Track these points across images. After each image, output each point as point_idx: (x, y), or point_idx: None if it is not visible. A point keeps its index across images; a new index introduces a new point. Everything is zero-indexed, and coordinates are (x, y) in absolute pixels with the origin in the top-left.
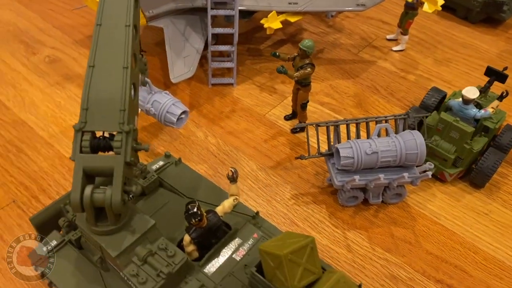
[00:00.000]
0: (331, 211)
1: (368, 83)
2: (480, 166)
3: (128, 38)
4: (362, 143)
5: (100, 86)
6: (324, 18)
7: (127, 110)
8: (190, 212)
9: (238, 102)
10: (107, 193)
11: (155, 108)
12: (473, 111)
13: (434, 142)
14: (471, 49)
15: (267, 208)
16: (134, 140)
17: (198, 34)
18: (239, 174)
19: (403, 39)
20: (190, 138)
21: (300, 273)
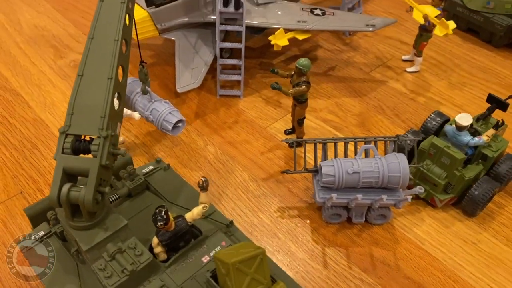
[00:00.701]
0: (314, 226)
1: (375, 102)
2: (471, 193)
3: (116, 51)
4: (345, 162)
5: (86, 94)
6: (342, 36)
7: (106, 117)
8: (156, 216)
9: (242, 114)
10: (81, 191)
11: (154, 116)
12: (466, 138)
13: (426, 166)
14: (490, 74)
15: (252, 218)
16: (113, 145)
17: (208, 48)
18: (231, 183)
19: (417, 61)
20: (190, 146)
21: (247, 283)
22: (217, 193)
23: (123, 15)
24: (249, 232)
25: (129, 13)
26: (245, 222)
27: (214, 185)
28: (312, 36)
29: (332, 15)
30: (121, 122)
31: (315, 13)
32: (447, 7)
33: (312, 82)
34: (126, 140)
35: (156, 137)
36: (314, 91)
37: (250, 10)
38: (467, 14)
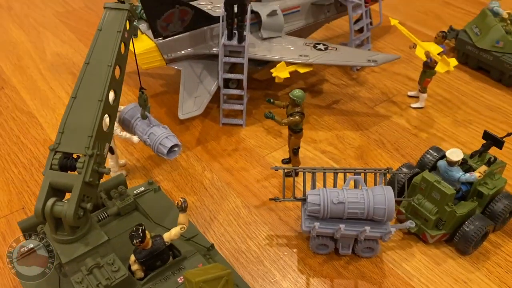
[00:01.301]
0: (301, 256)
1: (376, 136)
2: (463, 230)
3: (108, 76)
4: (331, 192)
5: (77, 115)
6: (349, 71)
7: (93, 137)
8: (133, 233)
9: (242, 142)
10: (64, 206)
11: (151, 140)
12: (458, 173)
13: (417, 201)
14: (497, 113)
15: (240, 244)
16: (98, 164)
17: (212, 78)
18: (224, 208)
19: (422, 97)
20: (189, 171)
21: None
22: (208, 218)
23: (117, 43)
24: (235, 258)
25: (124, 41)
26: (232, 248)
27: (207, 210)
28: (319, 71)
29: (334, 50)
30: (110, 142)
31: (317, 48)
32: (457, 46)
33: (314, 114)
34: (128, 163)
35: (156, 161)
36: (316, 123)
37: (254, 44)
38: (476, 53)
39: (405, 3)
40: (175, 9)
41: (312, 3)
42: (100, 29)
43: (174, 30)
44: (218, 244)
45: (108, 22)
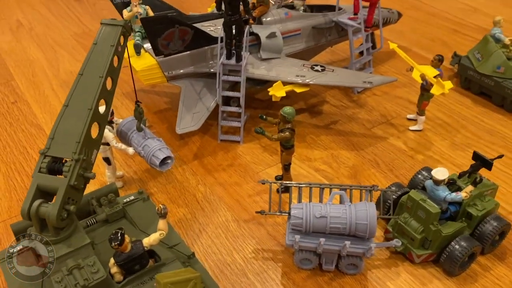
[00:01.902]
0: (286, 270)
1: (371, 157)
2: (448, 250)
3: (99, 86)
4: (314, 206)
5: (67, 122)
6: (350, 93)
7: (81, 143)
8: (111, 236)
9: (238, 158)
10: (48, 207)
11: (145, 151)
12: (444, 193)
13: (403, 219)
14: (497, 137)
15: (226, 257)
16: (84, 168)
17: (211, 95)
18: (213, 221)
19: (420, 120)
20: (183, 184)
21: None
22: (197, 230)
23: (110, 56)
24: (220, 270)
25: (118, 55)
26: (218, 259)
27: (197, 222)
28: (320, 92)
29: (331, 72)
30: (98, 149)
31: (315, 69)
32: (460, 71)
33: (311, 133)
34: (125, 175)
35: (153, 174)
36: (312, 142)
37: (253, 64)
38: (478, 78)
39: (412, 30)
40: (174, 28)
41: (313, 26)
42: (96, 43)
43: (175, 49)
44: (204, 255)
45: (103, 36)
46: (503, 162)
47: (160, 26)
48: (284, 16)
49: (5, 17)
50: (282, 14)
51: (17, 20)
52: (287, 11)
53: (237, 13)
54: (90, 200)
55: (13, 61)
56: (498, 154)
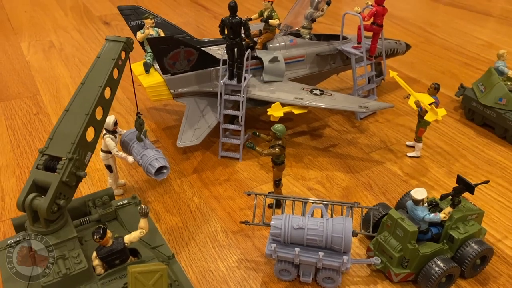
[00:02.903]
0: (265, 280)
1: (365, 179)
2: (425, 269)
3: (97, 94)
4: (293, 218)
5: (66, 125)
6: (353, 119)
7: (75, 144)
8: (94, 230)
9: (235, 174)
10: (41, 200)
11: (143, 160)
12: (423, 213)
13: (383, 237)
14: (496, 168)
15: (210, 264)
16: (76, 167)
17: (214, 113)
18: (203, 231)
19: (417, 146)
20: (179, 195)
21: None
22: (187, 238)
23: (110, 69)
24: (202, 276)
25: (118, 68)
26: (202, 266)
27: (187, 231)
28: (324, 117)
29: (329, 96)
30: (92, 152)
31: (313, 93)
32: (464, 102)
33: (310, 155)
34: (127, 184)
35: (152, 184)
36: (309, 163)
37: (255, 85)
38: (481, 109)
39: (422, 62)
40: (180, 49)
41: (317, 53)
42: (99, 56)
43: (181, 69)
44: (190, 261)
45: (106, 51)
46: (497, 191)
47: (165, 46)
48: (289, 43)
49: (40, 39)
50: (287, 41)
51: (50, 41)
52: (293, 38)
53: (238, 37)
54: (87, 201)
55: (41, 78)
56: (495, 183)
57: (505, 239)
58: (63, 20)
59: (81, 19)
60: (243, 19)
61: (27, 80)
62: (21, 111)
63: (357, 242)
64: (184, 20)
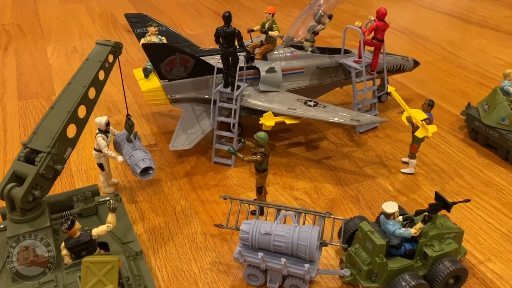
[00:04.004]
0: (235, 284)
1: (353, 193)
2: (392, 284)
3: (81, 94)
4: (263, 224)
5: (49, 121)
6: (352, 133)
7: (55, 139)
8: (63, 221)
9: (225, 180)
10: (17, 190)
11: (130, 161)
12: (393, 227)
13: (354, 250)
14: (492, 189)
15: (183, 264)
16: (54, 161)
17: (209, 120)
18: (183, 232)
19: (411, 163)
20: (167, 196)
21: (94, 282)
22: (166, 237)
23: (96, 70)
24: (174, 275)
25: (104, 70)
26: (175, 265)
27: (168, 231)
28: (323, 129)
29: (323, 107)
30: (73, 148)
31: (307, 104)
32: (467, 121)
33: (301, 165)
34: (120, 183)
35: (143, 185)
36: (300, 173)
37: (250, 94)
38: (484, 129)
39: (435, 80)
40: (175, 56)
41: (317, 66)
42: (87, 58)
43: (178, 75)
44: (165, 260)
45: (95, 54)
46: (489, 212)
47: (160, 52)
48: (290, 55)
49: (65, 43)
50: (288, 52)
51: (74, 46)
52: (293, 50)
53: (231, 46)
54: (72, 196)
55: (60, 80)
56: (488, 204)
57: (488, 261)
58: (89, 27)
59: (107, 27)
60: (236, 29)
61: (46, 81)
62: (35, 110)
63: (333, 253)
64: (203, 31)
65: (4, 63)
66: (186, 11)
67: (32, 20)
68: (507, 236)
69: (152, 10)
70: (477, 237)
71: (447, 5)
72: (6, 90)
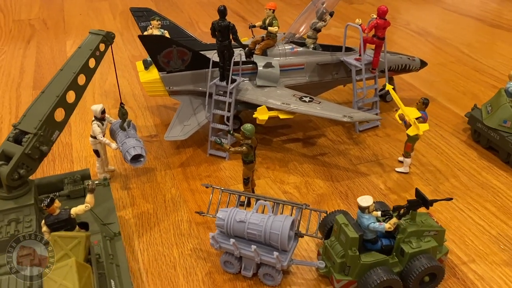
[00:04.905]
0: (212, 270)
1: (343, 189)
2: (363, 278)
3: (70, 79)
4: (239, 212)
5: (39, 104)
6: (351, 131)
7: (42, 121)
8: (43, 198)
9: (218, 171)
10: (4, 168)
11: (122, 148)
12: (368, 221)
13: (329, 242)
14: (488, 191)
15: (164, 249)
16: (40, 142)
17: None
18: (169, 219)
19: (406, 162)
20: (160, 185)
21: (61, 255)
22: (152, 223)
23: (87, 58)
24: (154, 258)
25: (95, 58)
26: (156, 249)
27: (155, 217)
28: (322, 126)
29: (317, 103)
30: (60, 131)
31: (302, 100)
32: (469, 123)
33: (296, 161)
34: (116, 170)
35: (138, 172)
36: (293, 168)
37: (247, 89)
38: (485, 131)
39: (445, 81)
40: (172, 48)
41: (318, 63)
42: (80, 47)
43: (176, 67)
44: (147, 244)
45: (87, 42)
46: (480, 214)
47: (156, 44)
48: (290, 51)
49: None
50: (288, 49)
51: None
52: (294, 46)
53: (226, 39)
54: (63, 178)
55: None
56: (481, 207)
57: (472, 262)
58: (110, 23)
59: (126, 23)
60: (231, 23)
61: None
62: None
63: (314, 246)
64: None
65: (25, 55)
66: (205, 9)
67: (57, 15)
68: (495, 239)
69: (172, 8)
70: (463, 238)
71: (472, 8)
72: (23, 80)
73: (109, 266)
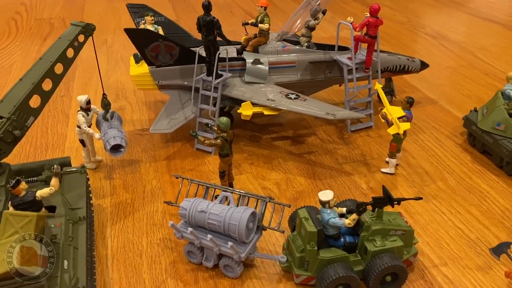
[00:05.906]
0: (176, 260)
1: (324, 187)
2: (321, 273)
3: (46, 68)
4: (201, 202)
5: (16, 91)
6: (343, 131)
7: (16, 107)
8: (9, 180)
9: (202, 166)
10: None
11: (104, 138)
12: (328, 216)
13: (292, 236)
14: (475, 195)
15: (134, 237)
16: (13, 126)
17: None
18: (145, 209)
19: (391, 162)
20: (142, 176)
21: (11, 233)
22: (127, 212)
23: (64, 47)
24: (122, 246)
25: (73, 48)
26: (127, 238)
27: (131, 206)
28: (314, 126)
29: (303, 101)
30: (36, 117)
31: (288, 97)
32: (465, 125)
33: (281, 158)
34: (103, 161)
35: (123, 163)
36: (277, 165)
37: (235, 84)
38: (479, 134)
39: (452, 84)
40: (158, 42)
41: (310, 61)
42: (60, 37)
43: (165, 62)
44: (119, 232)
45: (66, 33)
46: (462, 218)
47: (142, 38)
48: (281, 49)
49: (98, 36)
50: (280, 46)
51: (105, 39)
52: (286, 44)
53: (211, 34)
54: (44, 165)
55: (82, 67)
56: (465, 211)
57: (444, 266)
58: (126, 22)
59: None
60: (215, 18)
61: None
62: None
63: (282, 241)
64: (231, 29)
65: (40, 52)
66: (220, 10)
67: (76, 14)
68: (473, 243)
69: (188, 10)
70: (439, 241)
71: (494, 11)
72: None
73: (66, 247)
